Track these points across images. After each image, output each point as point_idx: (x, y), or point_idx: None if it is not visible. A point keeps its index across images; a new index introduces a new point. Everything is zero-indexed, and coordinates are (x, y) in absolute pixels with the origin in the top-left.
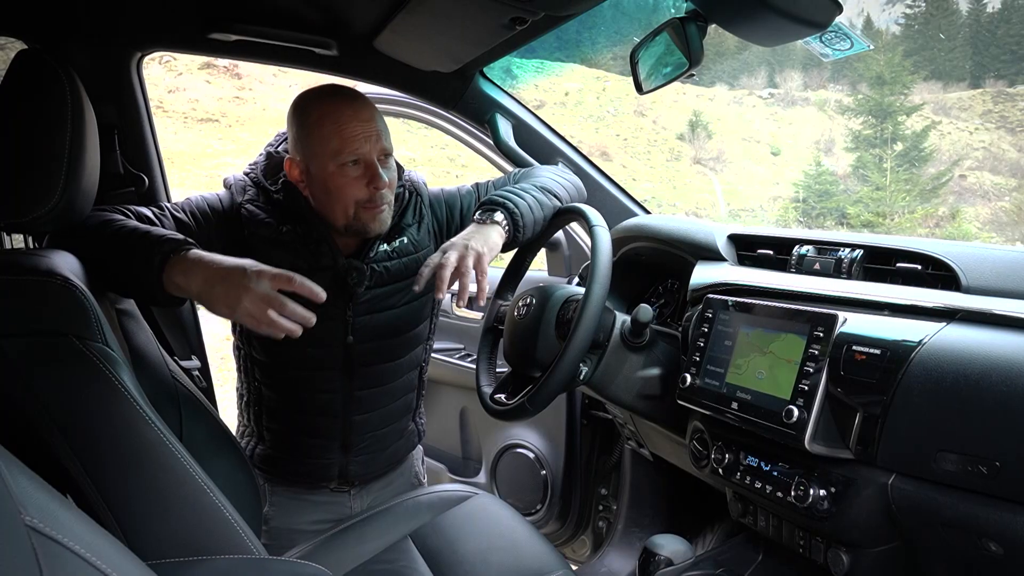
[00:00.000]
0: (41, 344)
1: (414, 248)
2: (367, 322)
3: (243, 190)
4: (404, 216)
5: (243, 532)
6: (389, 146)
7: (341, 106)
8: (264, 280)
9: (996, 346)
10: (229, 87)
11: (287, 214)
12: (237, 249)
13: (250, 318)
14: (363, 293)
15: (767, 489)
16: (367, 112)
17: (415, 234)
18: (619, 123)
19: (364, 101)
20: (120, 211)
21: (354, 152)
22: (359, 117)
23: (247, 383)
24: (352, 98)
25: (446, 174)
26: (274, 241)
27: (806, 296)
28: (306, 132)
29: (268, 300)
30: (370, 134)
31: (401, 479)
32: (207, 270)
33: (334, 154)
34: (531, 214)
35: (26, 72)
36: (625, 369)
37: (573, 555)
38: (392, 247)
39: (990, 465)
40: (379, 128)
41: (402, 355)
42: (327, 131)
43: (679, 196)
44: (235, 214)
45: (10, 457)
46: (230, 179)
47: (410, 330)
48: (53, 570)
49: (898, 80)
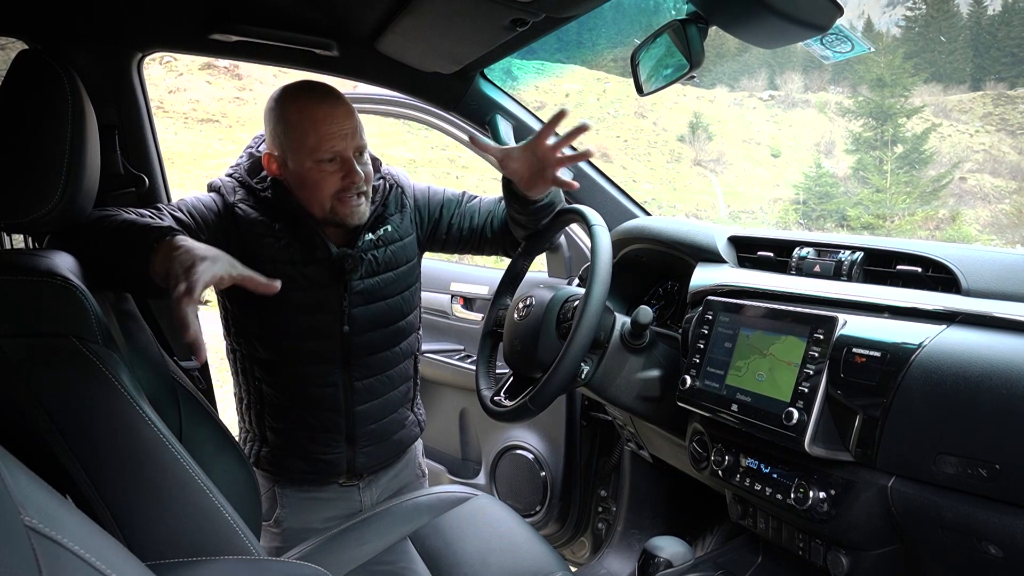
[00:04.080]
0: (41, 344)
1: (399, 236)
2: (363, 312)
3: (233, 190)
4: (387, 207)
5: (242, 532)
6: (363, 142)
7: (318, 104)
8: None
9: (996, 349)
10: (230, 88)
11: (277, 211)
12: (233, 248)
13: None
14: (357, 283)
15: (767, 491)
16: (342, 109)
17: (398, 222)
18: (619, 124)
19: (339, 98)
20: (120, 211)
21: (330, 150)
22: (335, 115)
23: (246, 384)
24: (328, 95)
25: (446, 175)
26: (268, 238)
27: (806, 298)
28: (283, 128)
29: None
30: (345, 132)
31: (407, 470)
32: (184, 250)
33: (311, 151)
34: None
35: (27, 72)
36: (625, 371)
37: (572, 557)
38: (377, 236)
39: (990, 468)
40: (354, 125)
41: (397, 343)
42: (304, 128)
43: (679, 198)
44: (229, 214)
45: (10, 457)
46: (216, 182)
47: (403, 318)
48: (52, 570)
49: (899, 82)
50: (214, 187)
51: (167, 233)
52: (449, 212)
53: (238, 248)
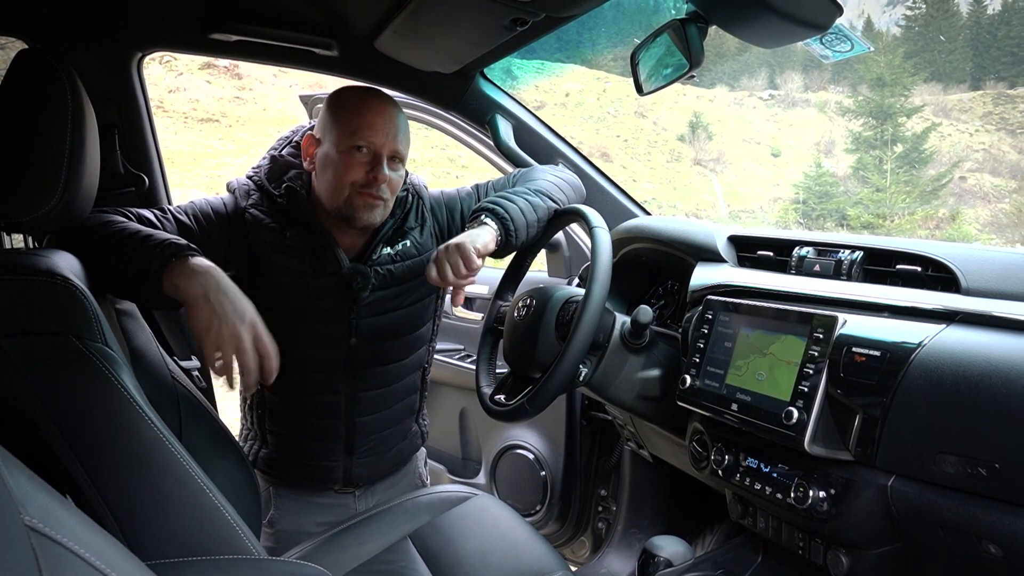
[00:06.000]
0: (41, 344)
1: (417, 251)
2: (371, 324)
3: (247, 194)
4: (407, 220)
5: (242, 532)
6: (403, 151)
7: (372, 99)
8: (250, 330)
9: (996, 348)
10: (229, 87)
11: (291, 219)
12: (240, 253)
13: (213, 346)
14: (367, 296)
15: (767, 490)
16: (392, 111)
17: (418, 237)
18: (619, 124)
19: (394, 104)
20: (121, 213)
21: (366, 139)
22: (383, 111)
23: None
24: (384, 98)
25: (446, 175)
26: (278, 246)
27: (806, 298)
28: (332, 111)
29: (238, 341)
30: (388, 130)
31: (405, 480)
32: (213, 283)
33: (349, 135)
34: (523, 217)
35: (26, 72)
36: (625, 370)
37: (572, 556)
38: (395, 250)
39: (989, 467)
40: (398, 128)
41: (405, 356)
42: (351, 114)
43: (679, 197)
44: (239, 218)
45: (10, 457)
46: (233, 183)
47: (413, 331)
48: (52, 570)
49: (898, 82)
50: (230, 188)
51: (183, 251)
52: (462, 218)
53: (245, 254)
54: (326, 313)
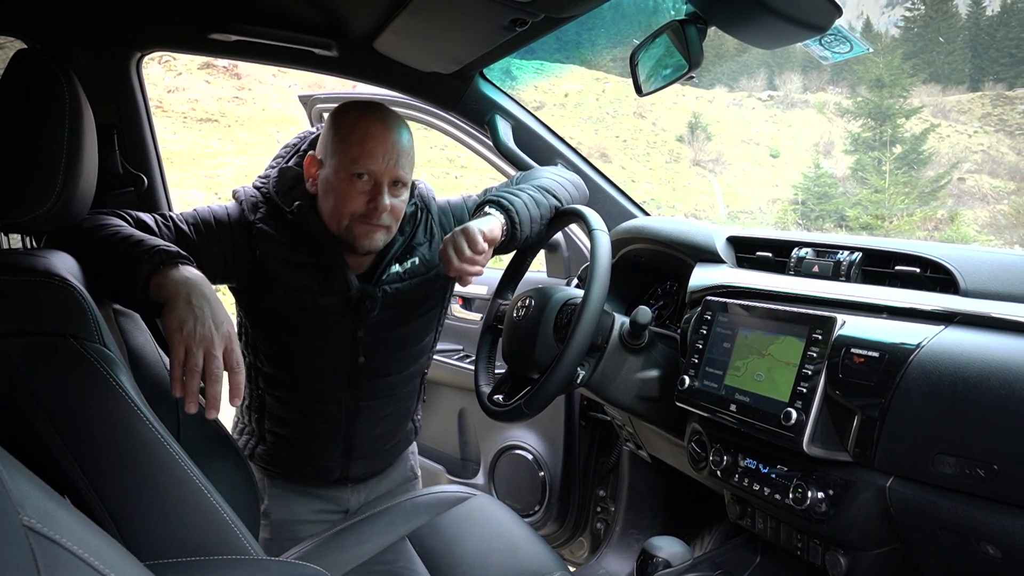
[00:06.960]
0: (38, 344)
1: (425, 269)
2: (377, 340)
3: (255, 207)
4: (415, 236)
5: (240, 533)
6: (405, 176)
7: (375, 122)
8: (224, 339)
9: (994, 349)
10: (228, 87)
11: (300, 236)
12: (244, 265)
13: (182, 344)
14: (374, 315)
15: (765, 491)
16: (394, 136)
17: (426, 253)
18: (618, 125)
19: (397, 126)
20: (120, 215)
21: (366, 167)
22: (386, 138)
23: (250, 390)
24: (388, 119)
25: (445, 175)
26: (287, 263)
27: (805, 299)
28: (334, 133)
29: (210, 344)
30: (389, 157)
31: (397, 472)
32: (198, 290)
33: (350, 162)
34: (527, 211)
35: (24, 72)
36: (624, 371)
37: (571, 556)
38: (404, 268)
39: (988, 468)
40: (399, 153)
41: (408, 367)
42: (352, 139)
43: (678, 198)
44: (245, 230)
45: (8, 457)
46: (240, 192)
47: (419, 342)
48: (51, 570)
49: (897, 83)
50: (237, 197)
51: (173, 259)
52: None
53: (251, 268)
54: (332, 329)
